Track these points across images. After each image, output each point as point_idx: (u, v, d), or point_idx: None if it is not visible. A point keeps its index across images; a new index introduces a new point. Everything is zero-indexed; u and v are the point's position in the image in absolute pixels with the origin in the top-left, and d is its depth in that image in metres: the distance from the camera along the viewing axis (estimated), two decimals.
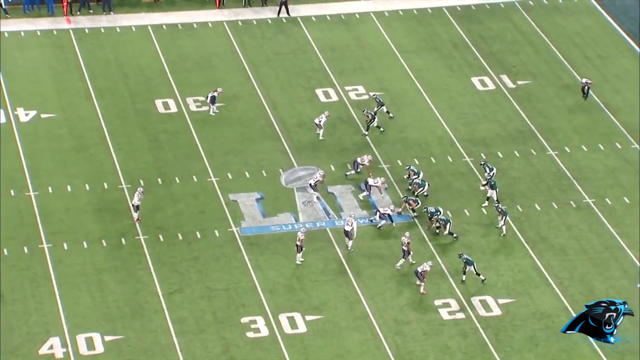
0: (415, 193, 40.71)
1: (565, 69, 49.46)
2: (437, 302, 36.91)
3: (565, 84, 48.53)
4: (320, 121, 44.08)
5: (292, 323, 35.93)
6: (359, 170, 42.03)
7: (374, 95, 45.71)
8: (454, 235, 39.52)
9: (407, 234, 38.32)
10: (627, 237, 40.27)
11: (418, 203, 40.35)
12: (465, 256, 37.45)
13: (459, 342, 35.70)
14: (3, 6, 50.62)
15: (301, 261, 37.97)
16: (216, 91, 45.06)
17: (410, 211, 40.39)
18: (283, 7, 52.06)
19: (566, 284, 38.17)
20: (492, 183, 40.91)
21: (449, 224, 39.51)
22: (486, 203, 41.02)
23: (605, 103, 47.31)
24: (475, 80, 48.60)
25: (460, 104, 47.03)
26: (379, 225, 39.83)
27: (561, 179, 42.86)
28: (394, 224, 39.85)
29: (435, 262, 38.24)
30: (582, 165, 43.71)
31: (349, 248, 38.85)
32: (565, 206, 41.63)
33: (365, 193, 41.29)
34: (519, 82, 48.52)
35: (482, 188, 41.31)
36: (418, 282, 37.17)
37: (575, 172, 43.28)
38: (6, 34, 49.46)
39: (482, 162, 42.06)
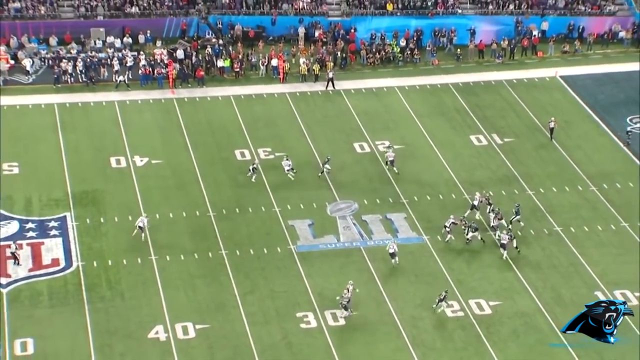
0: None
1: (540, 130, 49.15)
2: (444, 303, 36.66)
3: (540, 141, 48.22)
4: (251, 167, 43.20)
5: (334, 317, 35.80)
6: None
7: (327, 159, 44.26)
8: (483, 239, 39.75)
9: (504, 232, 38.53)
10: (586, 256, 39.85)
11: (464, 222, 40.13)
12: (444, 293, 35.88)
13: (459, 334, 35.42)
14: (126, 81, 51.27)
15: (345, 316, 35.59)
16: (254, 164, 43.65)
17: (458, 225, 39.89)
18: (330, 83, 52.32)
19: (540, 291, 37.78)
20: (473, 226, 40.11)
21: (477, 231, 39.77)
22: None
23: (570, 156, 46.94)
24: (472, 137, 48.40)
25: (462, 155, 46.87)
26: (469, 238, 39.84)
27: (536, 212, 42.50)
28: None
29: (441, 273, 38.03)
30: (553, 202, 43.34)
31: (396, 263, 38.29)
32: (539, 232, 41.26)
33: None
34: (506, 140, 48.27)
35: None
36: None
37: (547, 207, 42.92)
38: (127, 102, 50.03)
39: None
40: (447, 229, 39.87)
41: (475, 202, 41.45)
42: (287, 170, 43.63)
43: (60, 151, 45.15)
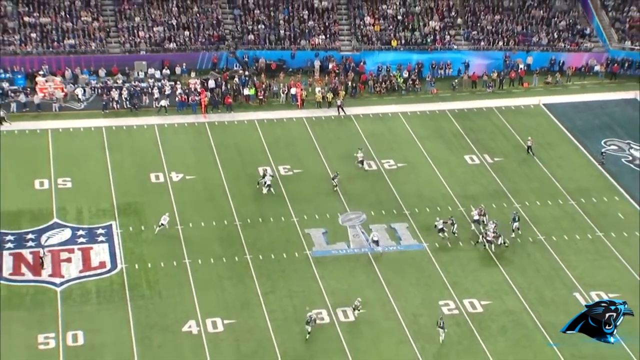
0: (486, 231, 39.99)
1: (526, 151, 49.01)
2: (441, 302, 36.59)
3: (526, 161, 48.07)
4: (265, 181, 42.96)
5: (345, 315, 35.78)
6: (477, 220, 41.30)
7: (336, 174, 44.12)
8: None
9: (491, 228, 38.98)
10: (566, 261, 39.68)
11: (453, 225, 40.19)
12: (441, 322, 34.19)
13: (454, 329, 35.31)
14: (165, 107, 51.51)
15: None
16: (265, 179, 43.30)
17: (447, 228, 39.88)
18: (341, 109, 52.41)
19: (526, 292, 37.62)
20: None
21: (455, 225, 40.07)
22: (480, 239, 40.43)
23: (551, 174, 46.80)
24: (466, 157, 48.30)
25: (457, 172, 46.78)
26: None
27: (523, 223, 42.30)
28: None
29: (438, 276, 37.91)
30: (536, 214, 43.17)
31: (380, 253, 38.53)
32: (525, 241, 41.11)
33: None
34: (495, 159, 48.17)
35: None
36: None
37: (532, 219, 42.74)
38: (166, 125, 50.21)
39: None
40: (445, 232, 39.90)
41: (476, 217, 41.38)
42: (268, 185, 43.10)
43: (107, 168, 45.40)
